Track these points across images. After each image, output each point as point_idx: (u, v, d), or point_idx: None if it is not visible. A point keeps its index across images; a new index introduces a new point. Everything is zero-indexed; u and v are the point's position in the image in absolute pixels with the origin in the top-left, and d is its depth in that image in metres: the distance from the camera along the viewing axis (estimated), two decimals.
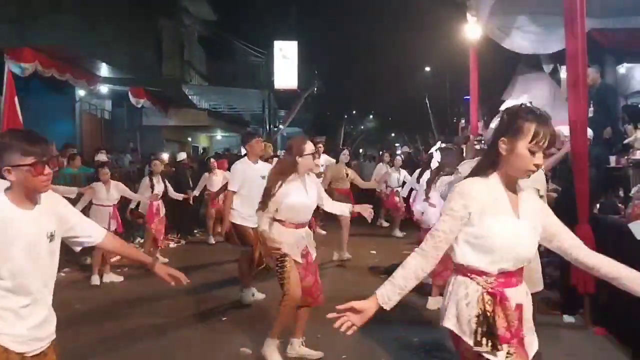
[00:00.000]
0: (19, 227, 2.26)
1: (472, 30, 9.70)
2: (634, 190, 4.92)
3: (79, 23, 17.12)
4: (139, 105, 14.87)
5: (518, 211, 2.22)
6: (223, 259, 8.47)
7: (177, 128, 19.08)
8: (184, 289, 6.56)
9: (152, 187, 8.52)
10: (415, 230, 9.97)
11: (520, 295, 2.22)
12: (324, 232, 10.10)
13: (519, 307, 2.17)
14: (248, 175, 6.02)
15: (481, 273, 2.16)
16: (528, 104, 2.24)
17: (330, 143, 36.76)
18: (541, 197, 3.08)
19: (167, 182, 9.00)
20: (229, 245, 7.06)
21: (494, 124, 3.12)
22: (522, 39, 9.59)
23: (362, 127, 60.79)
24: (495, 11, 8.88)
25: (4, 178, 2.27)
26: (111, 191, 7.54)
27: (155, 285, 6.84)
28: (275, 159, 7.93)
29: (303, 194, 4.35)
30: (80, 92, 14.41)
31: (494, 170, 2.23)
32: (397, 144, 64.15)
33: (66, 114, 14.33)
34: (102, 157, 9.66)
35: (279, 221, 4.28)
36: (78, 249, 2.68)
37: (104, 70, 13.42)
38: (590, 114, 6.64)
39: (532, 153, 2.12)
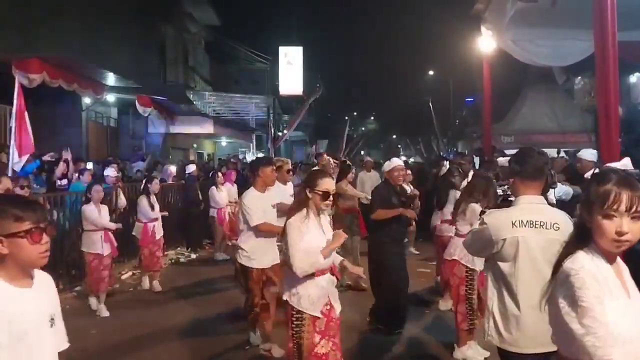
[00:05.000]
0: (21, 312, 1.92)
1: (486, 43, 9.61)
2: None
3: (81, 30, 17.03)
4: (146, 114, 14.76)
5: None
6: (229, 279, 7.79)
7: (182, 135, 18.97)
8: (185, 317, 6.41)
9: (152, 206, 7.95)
10: (428, 244, 9.81)
11: None
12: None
13: None
14: (262, 208, 5.17)
15: None
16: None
17: (333, 146, 36.81)
18: None
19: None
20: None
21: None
22: (537, 52, 9.51)
23: (363, 129, 60.64)
24: (510, 24, 8.80)
25: None
26: (102, 213, 6.89)
27: (150, 316, 6.70)
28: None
29: (320, 234, 3.63)
30: (86, 100, 14.30)
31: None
32: (399, 145, 64.14)
33: (73, 123, 14.24)
34: (111, 172, 9.20)
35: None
36: None
37: (110, 79, 13.30)
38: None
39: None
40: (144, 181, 8.47)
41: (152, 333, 5.98)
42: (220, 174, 10.70)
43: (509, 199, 3.38)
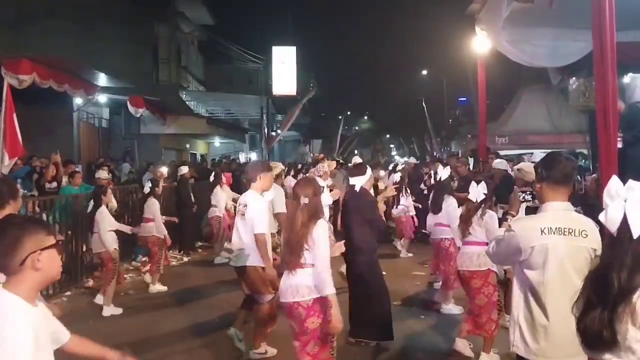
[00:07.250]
0: (42, 331, 1.91)
1: (481, 43, 9.52)
2: None
3: (74, 30, 16.90)
4: (138, 115, 14.63)
5: None
6: (226, 284, 7.55)
7: (175, 135, 18.84)
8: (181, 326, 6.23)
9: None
10: (422, 246, 9.68)
11: None
12: None
13: None
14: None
15: None
16: None
17: (327, 146, 36.70)
18: (597, 257, 2.85)
19: None
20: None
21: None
22: (533, 53, 9.40)
23: (357, 128, 60.55)
24: (506, 25, 8.70)
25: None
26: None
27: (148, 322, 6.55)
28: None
29: None
30: (78, 101, 14.16)
31: None
32: (391, 145, 64.12)
33: (64, 124, 14.09)
34: (102, 174, 9.08)
35: None
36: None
37: (102, 79, 13.17)
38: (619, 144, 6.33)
39: None
40: None
41: (144, 338, 5.81)
42: (223, 175, 10.51)
43: (531, 204, 3.30)
